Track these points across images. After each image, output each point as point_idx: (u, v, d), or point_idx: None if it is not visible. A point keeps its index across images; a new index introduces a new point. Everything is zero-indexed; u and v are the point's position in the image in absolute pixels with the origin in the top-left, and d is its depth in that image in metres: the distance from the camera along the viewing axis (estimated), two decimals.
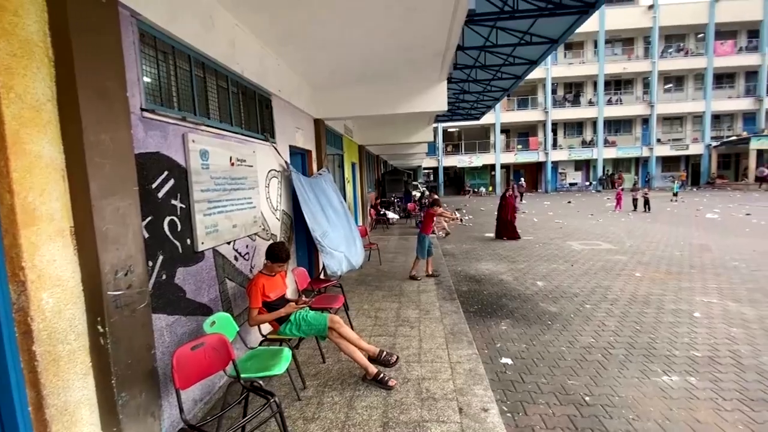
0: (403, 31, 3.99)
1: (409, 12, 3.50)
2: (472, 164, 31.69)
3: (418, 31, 4.00)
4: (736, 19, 27.96)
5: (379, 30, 3.97)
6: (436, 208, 6.63)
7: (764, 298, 5.27)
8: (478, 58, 12.49)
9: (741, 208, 15.76)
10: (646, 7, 28.48)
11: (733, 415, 2.82)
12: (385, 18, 3.66)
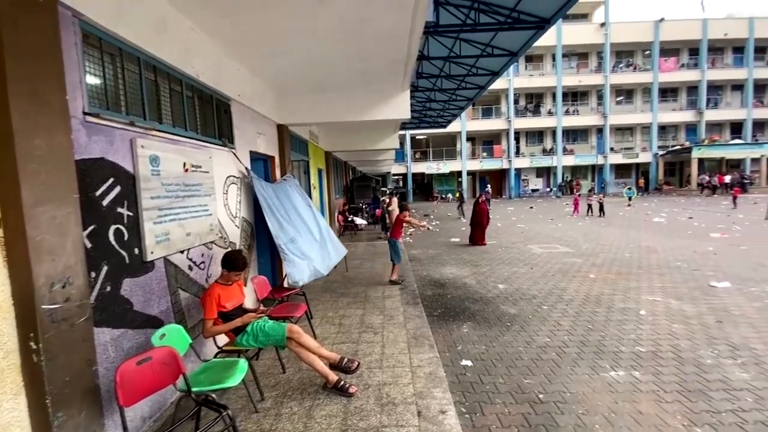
0: (360, 41, 4.05)
1: (364, 24, 3.57)
2: (439, 171, 32.33)
3: (376, 41, 4.08)
4: (678, 38, 30.40)
5: (336, 39, 4.01)
6: (405, 213, 6.75)
7: (702, 295, 5.69)
8: (444, 68, 12.84)
9: (684, 212, 17.02)
10: (598, 25, 30.41)
11: (673, 406, 3.02)
12: (340, 28, 3.71)
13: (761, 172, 28.17)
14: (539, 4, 8.22)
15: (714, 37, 30.29)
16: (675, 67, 31.18)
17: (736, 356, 3.79)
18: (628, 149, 32.35)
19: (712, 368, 3.56)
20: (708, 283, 6.25)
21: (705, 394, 3.16)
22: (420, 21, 3.58)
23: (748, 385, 3.27)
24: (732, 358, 3.76)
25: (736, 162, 30.12)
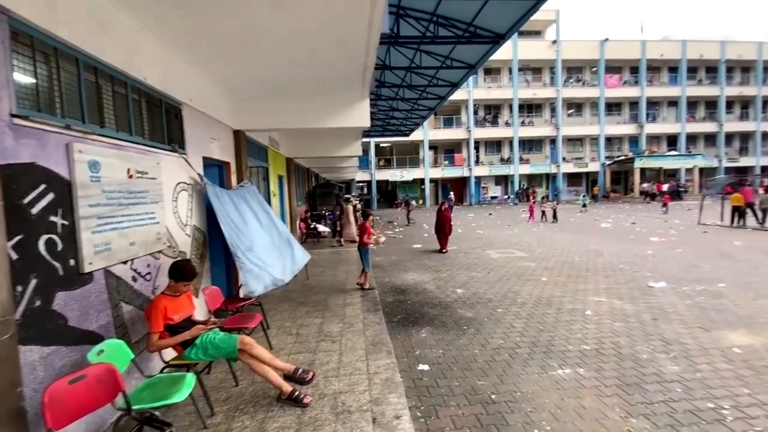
0: (318, 49, 4.08)
1: (320, 32, 3.60)
2: (403, 178, 32.77)
3: (333, 50, 4.12)
4: (621, 57, 32.96)
5: (294, 46, 4.01)
6: (369, 218, 6.82)
7: (642, 295, 6.14)
8: (405, 78, 13.12)
9: (628, 218, 18.33)
10: (550, 42, 32.35)
11: (612, 400, 3.23)
12: (298, 35, 3.72)
13: (694, 181, 30.96)
14: (494, 20, 8.65)
15: (652, 57, 33.17)
16: (618, 83, 33.73)
17: (669, 350, 4.11)
18: (579, 159, 34.44)
19: (648, 362, 3.85)
20: (647, 283, 6.75)
21: (641, 387, 3.40)
22: (375, 32, 3.66)
23: (678, 377, 3.56)
24: (665, 352, 4.08)
25: (673, 171, 32.92)
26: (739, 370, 3.62)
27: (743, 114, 35.68)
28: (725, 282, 6.67)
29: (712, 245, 10.38)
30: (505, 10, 7.91)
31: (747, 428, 2.75)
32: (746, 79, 35.21)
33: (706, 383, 3.40)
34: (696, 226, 14.34)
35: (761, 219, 13.30)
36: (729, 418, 2.88)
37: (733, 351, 4.02)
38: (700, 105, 35.42)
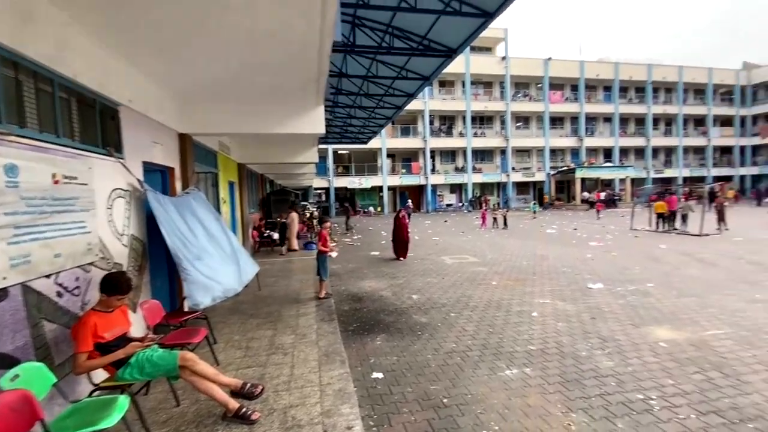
0: (269, 54, 4.00)
1: (272, 37, 3.54)
2: (361, 185, 32.84)
3: (285, 55, 4.06)
4: (563, 75, 35.56)
5: (244, 50, 3.90)
6: (326, 225, 6.75)
7: (582, 296, 6.57)
8: (362, 86, 13.23)
9: (571, 224, 19.63)
10: (500, 58, 34.20)
11: (555, 396, 3.40)
12: (248, 39, 3.63)
13: (626, 190, 33.89)
14: (447, 35, 8.98)
15: (589, 76, 36.11)
16: (561, 99, 36.31)
17: (605, 347, 4.42)
18: (527, 169, 36.49)
19: (586, 359, 4.11)
20: (586, 285, 7.24)
21: (580, 382, 3.62)
22: (328, 38, 3.66)
23: (612, 371, 3.83)
24: (601, 349, 4.38)
25: (609, 181, 35.83)
26: (665, 362, 3.97)
27: (667, 130, 39.77)
28: (653, 282, 7.32)
29: (642, 249, 11.38)
30: (457, 26, 8.25)
31: (671, 416, 3.02)
32: (669, 99, 39.36)
33: (636, 376, 3.70)
34: (628, 232, 15.66)
35: (681, 224, 14.82)
36: (656, 408, 3.15)
37: (660, 345, 4.41)
38: (631, 121, 39.02)
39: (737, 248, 10.85)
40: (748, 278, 7.38)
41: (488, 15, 7.46)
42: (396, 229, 10.91)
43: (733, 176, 39.82)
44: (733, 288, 6.72)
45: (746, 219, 17.79)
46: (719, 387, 3.42)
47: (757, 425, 2.85)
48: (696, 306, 5.79)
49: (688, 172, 39.21)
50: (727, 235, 13.56)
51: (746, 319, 5.14)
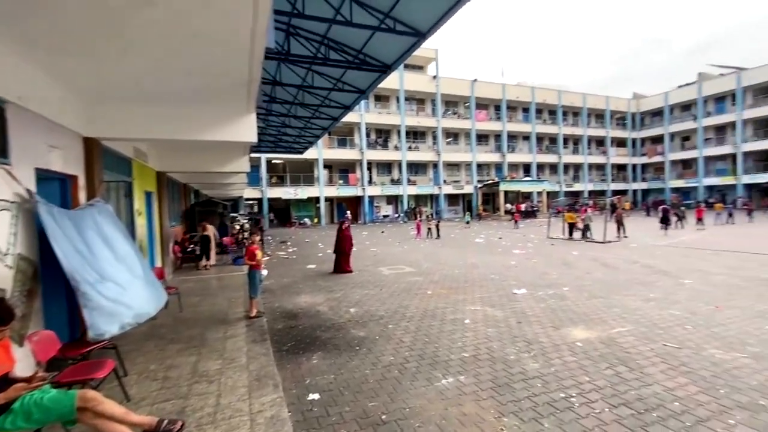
0: (194, 55, 3.72)
1: (197, 37, 3.29)
2: (297, 196, 31.97)
3: (212, 58, 3.80)
4: (487, 96, 38.50)
5: (165, 48, 3.58)
6: (255, 238, 6.38)
7: (508, 302, 6.99)
8: (297, 96, 12.96)
9: (496, 233, 21.03)
10: (431, 77, 36.01)
11: (488, 402, 3.52)
12: (169, 37, 3.33)
13: (543, 202, 37.41)
14: (382, 51, 9.18)
15: (510, 98, 39.52)
16: (486, 118, 39.20)
17: (530, 350, 4.72)
18: (457, 182, 38.58)
19: (515, 363, 4.34)
20: (512, 291, 7.74)
21: (510, 386, 3.80)
22: (260, 44, 3.49)
23: (538, 372, 4.09)
24: (527, 351, 4.67)
25: (528, 194, 39.21)
26: (581, 361, 4.34)
27: (575, 149, 44.84)
28: (568, 286, 8.07)
29: (557, 255, 12.55)
30: (392, 43, 8.48)
31: (589, 412, 3.28)
32: (576, 122, 44.54)
33: (558, 376, 3.98)
34: (546, 240, 17.21)
35: (588, 233, 16.70)
36: (576, 405, 3.40)
37: (576, 345, 4.82)
38: (545, 140, 43.37)
39: (633, 253, 12.46)
40: (643, 280, 8.47)
41: (421, 35, 7.79)
42: (339, 242, 10.52)
43: (627, 190, 46.05)
44: (631, 289, 7.65)
45: (639, 228, 20.56)
46: (626, 380, 3.82)
47: (659, 413, 3.21)
48: (603, 306, 6.47)
49: (592, 186, 44.49)
50: (625, 242, 15.53)
51: (644, 316, 5.87)
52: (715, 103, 40.52)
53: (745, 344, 4.62)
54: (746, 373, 3.87)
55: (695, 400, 3.39)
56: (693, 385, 3.66)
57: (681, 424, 3.05)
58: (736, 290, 7.25)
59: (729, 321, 5.49)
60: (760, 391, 3.51)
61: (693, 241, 15.17)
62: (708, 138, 40.61)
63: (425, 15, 7.34)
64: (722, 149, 38.93)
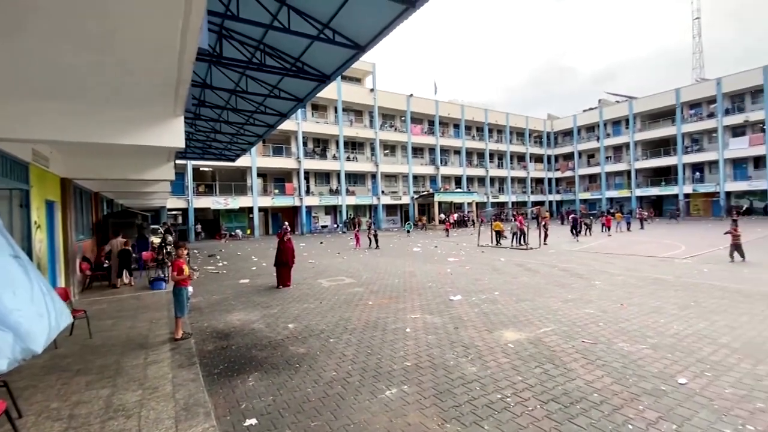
0: (112, 49, 3.34)
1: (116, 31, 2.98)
2: (228, 206, 30.13)
3: (135, 54, 3.46)
4: (422, 111, 40.18)
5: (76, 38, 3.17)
6: (181, 251, 5.85)
7: (446, 308, 7.23)
8: (230, 101, 12.35)
9: (432, 242, 21.80)
10: (369, 89, 36.66)
11: (431, 410, 3.57)
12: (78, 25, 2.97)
13: (474, 212, 39.74)
14: (321, 61, 9.13)
15: (443, 114, 41.69)
16: (421, 132, 40.83)
17: (468, 354, 4.91)
18: (394, 193, 39.45)
19: (454, 368, 4.48)
20: (448, 297, 8.03)
21: (451, 392, 3.90)
22: (192, 44, 3.25)
23: (476, 376, 4.25)
24: (465, 356, 4.85)
25: (459, 204, 41.40)
26: (514, 361, 4.62)
27: (500, 163, 48.48)
28: (498, 290, 8.59)
29: (487, 262, 13.35)
30: (331, 53, 8.48)
31: (523, 410, 3.49)
32: (500, 138, 48.28)
33: (494, 377, 4.19)
34: (477, 248, 18.24)
35: (512, 240, 18.06)
36: (512, 404, 3.59)
37: (509, 346, 5.12)
38: (474, 155, 46.35)
39: (551, 258, 13.70)
40: (561, 282, 9.33)
41: (360, 47, 7.90)
42: (281, 254, 9.90)
43: (545, 201, 50.80)
44: (552, 291, 8.38)
45: (555, 235, 22.70)
46: (553, 377, 4.14)
47: (582, 406, 3.52)
48: (530, 308, 6.99)
49: (515, 198, 48.39)
50: (544, 248, 17.03)
51: (564, 316, 6.44)
52: (612, 126, 46.79)
53: (645, 337, 5.29)
54: (648, 362, 4.42)
55: (611, 390, 3.78)
56: (608, 377, 4.08)
57: (601, 413, 3.37)
58: (635, 289, 8.30)
59: (632, 317, 6.25)
60: (660, 378, 4.03)
61: (599, 246, 17.14)
62: (608, 156, 46.63)
63: (364, 29, 7.47)
64: (619, 166, 44.99)
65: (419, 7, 6.20)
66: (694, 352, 4.70)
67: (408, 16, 6.60)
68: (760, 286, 8.07)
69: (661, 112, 42.15)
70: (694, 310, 6.53)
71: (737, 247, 11.41)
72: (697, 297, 7.38)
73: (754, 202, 36.15)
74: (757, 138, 34.74)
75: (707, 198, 38.42)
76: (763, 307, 6.51)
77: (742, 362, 4.34)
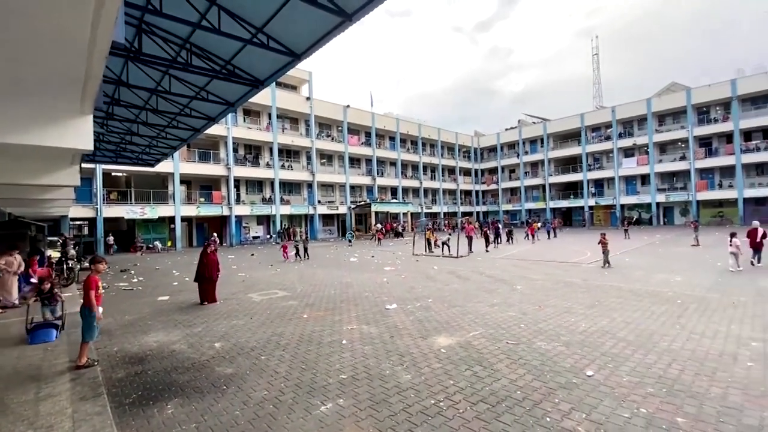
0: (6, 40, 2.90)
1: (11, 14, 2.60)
2: (145, 216, 27.34)
3: (35, 43, 3.03)
4: (359, 122, 40.63)
5: None
6: (98, 267, 5.17)
7: (382, 318, 7.29)
8: (149, 101, 11.37)
9: (369, 252, 21.93)
10: (305, 98, 36.17)
11: (367, 422, 3.54)
12: None
13: (408, 222, 40.89)
14: (254, 65, 8.83)
15: (379, 126, 42.58)
16: (358, 143, 41.21)
17: (403, 362, 4.99)
18: (331, 202, 39.12)
19: (390, 377, 4.52)
20: (385, 307, 8.11)
21: (387, 401, 3.92)
22: (105, 35, 2.95)
23: (410, 383, 4.33)
24: (401, 364, 4.92)
25: (395, 215, 42.36)
26: (446, 366, 4.79)
27: (432, 176, 50.69)
28: (432, 298, 8.89)
29: (422, 270, 13.78)
30: (265, 59, 8.26)
31: (455, 413, 3.62)
32: (433, 152, 50.59)
33: (428, 383, 4.30)
34: (412, 256, 18.74)
35: (446, 249, 18.91)
36: (444, 408, 3.72)
37: (441, 351, 5.31)
38: (409, 167, 47.93)
39: (479, 265, 14.57)
40: (488, 288, 9.95)
41: (296, 55, 7.80)
42: (204, 267, 9.10)
43: (473, 212, 54.12)
44: (480, 296, 8.89)
45: (482, 243, 24.18)
46: (482, 378, 4.37)
47: (507, 404, 3.76)
48: (460, 314, 7.33)
49: (447, 209, 50.89)
50: (472, 256, 18.06)
51: (491, 319, 6.86)
52: (530, 144, 51.77)
53: (559, 335, 5.84)
54: (562, 359, 4.88)
55: (531, 387, 4.10)
56: (529, 375, 4.42)
57: (523, 409, 3.63)
58: (550, 291, 9.16)
59: (548, 317, 6.87)
60: (572, 372, 4.46)
61: (521, 253, 18.65)
62: (527, 171, 51.43)
63: (301, 37, 7.40)
64: (536, 180, 49.87)
65: (356, 21, 6.33)
66: (599, 346, 5.30)
67: (345, 29, 6.69)
68: (647, 286, 9.39)
69: (569, 134, 47.73)
70: (598, 309, 7.38)
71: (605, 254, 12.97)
72: (600, 297, 8.36)
73: (642, 213, 42.20)
74: (643, 159, 40.81)
75: (606, 210, 44.07)
76: (649, 304, 7.58)
77: (635, 353, 4.99)
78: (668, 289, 8.91)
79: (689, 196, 37.60)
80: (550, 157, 48.29)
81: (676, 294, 8.40)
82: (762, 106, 34.64)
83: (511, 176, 54.25)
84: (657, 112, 40.07)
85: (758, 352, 4.90)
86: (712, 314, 6.71)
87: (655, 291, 8.80)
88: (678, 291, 8.70)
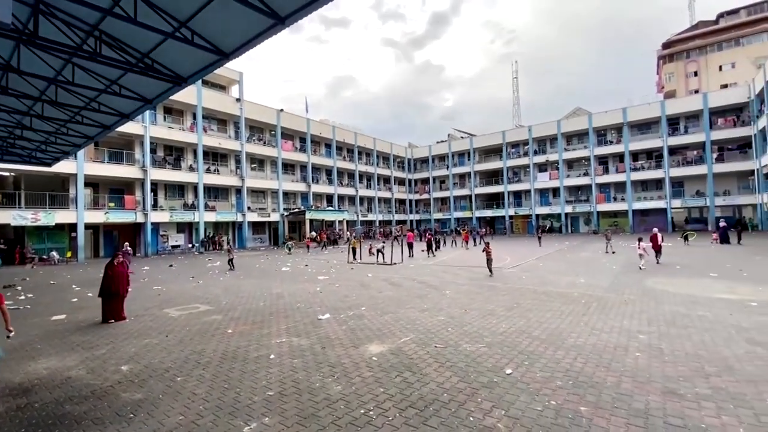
0: None
1: None
2: (38, 222, 23.61)
3: None
4: (293, 127, 39.68)
5: None
6: None
7: (314, 329, 7.10)
8: (47, 90, 10.02)
9: (302, 261, 21.36)
10: (235, 99, 34.40)
11: None
12: None
13: (344, 230, 40.69)
14: (177, 61, 8.23)
15: (314, 133, 42.04)
16: (292, 148, 40.17)
17: (334, 373, 4.90)
18: (262, 209, 37.46)
19: (320, 390, 4.40)
20: (317, 317, 7.93)
21: (315, 415, 3.81)
22: None
23: (341, 394, 4.27)
24: (331, 375, 4.83)
25: (331, 222, 41.90)
26: (377, 374, 4.81)
27: (369, 184, 51.24)
28: (365, 305, 8.91)
29: (356, 278, 13.77)
30: (189, 55, 7.75)
31: (384, 421, 3.64)
32: (369, 161, 51.22)
33: (358, 393, 4.28)
34: (346, 264, 18.65)
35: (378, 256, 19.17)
36: (374, 417, 3.72)
37: (372, 359, 5.32)
38: (345, 175, 47.92)
39: (411, 272, 14.98)
40: (419, 294, 10.25)
41: (224, 54, 7.42)
42: (109, 281, 8.04)
43: (407, 220, 55.69)
44: (411, 302, 9.13)
45: (416, 250, 24.95)
46: (411, 384, 4.46)
47: (434, 407, 3.88)
48: (392, 320, 7.45)
49: (382, 217, 51.75)
50: (407, 262, 18.52)
51: (421, 325, 7.06)
52: (458, 157, 55.02)
53: (483, 337, 6.21)
54: (485, 359, 5.19)
55: (457, 388, 4.29)
56: (455, 377, 4.62)
57: (449, 411, 3.78)
58: (475, 296, 9.72)
59: (473, 320, 7.27)
60: (493, 371, 4.76)
61: (450, 259, 19.57)
62: (456, 182, 54.58)
63: (230, 36, 7.08)
64: (464, 191, 53.13)
65: (289, 25, 6.22)
66: (516, 345, 5.73)
67: (277, 32, 6.54)
68: (558, 288, 10.43)
69: (492, 149, 51.69)
70: (516, 310, 7.99)
71: (489, 262, 13.51)
72: (518, 299, 9.07)
73: (553, 222, 46.99)
74: (555, 174, 45.60)
75: (524, 219, 48.42)
76: (559, 304, 8.41)
77: (547, 350, 5.49)
78: (575, 290, 9.98)
79: (591, 208, 42.83)
80: (476, 169, 51.79)
81: (580, 294, 9.45)
82: (646, 132, 40.96)
83: (442, 186, 56.99)
84: (565, 133, 45.13)
85: (644, 343, 5.68)
86: (609, 311, 7.65)
87: (563, 292, 9.79)
88: (582, 292, 9.79)
